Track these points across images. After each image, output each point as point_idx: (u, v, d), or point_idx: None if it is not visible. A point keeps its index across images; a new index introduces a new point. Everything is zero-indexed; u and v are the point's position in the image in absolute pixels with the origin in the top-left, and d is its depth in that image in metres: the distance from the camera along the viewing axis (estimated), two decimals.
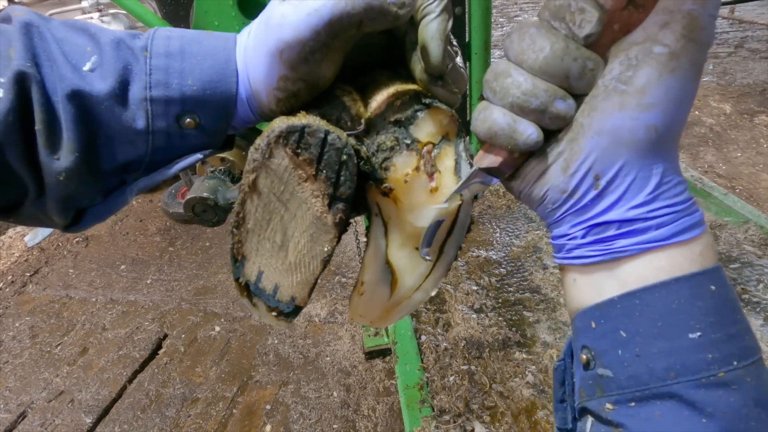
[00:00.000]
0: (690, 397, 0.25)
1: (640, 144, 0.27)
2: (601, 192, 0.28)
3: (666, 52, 0.26)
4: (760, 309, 0.92)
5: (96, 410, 1.65)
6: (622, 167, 0.27)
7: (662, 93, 0.26)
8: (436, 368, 0.99)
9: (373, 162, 0.35)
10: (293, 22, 0.31)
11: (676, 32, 0.26)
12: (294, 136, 0.31)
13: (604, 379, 0.28)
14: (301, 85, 0.34)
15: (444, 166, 0.37)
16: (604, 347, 0.29)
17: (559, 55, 0.27)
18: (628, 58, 0.27)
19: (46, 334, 2.04)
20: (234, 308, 2.04)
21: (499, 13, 6.07)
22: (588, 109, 0.28)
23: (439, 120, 0.36)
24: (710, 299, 0.27)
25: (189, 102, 0.34)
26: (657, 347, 0.26)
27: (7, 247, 2.73)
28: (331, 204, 0.34)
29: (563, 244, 0.31)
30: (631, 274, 0.28)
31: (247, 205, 0.33)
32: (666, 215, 0.27)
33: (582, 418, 0.31)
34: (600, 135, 0.27)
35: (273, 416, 1.55)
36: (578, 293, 0.31)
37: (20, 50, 0.30)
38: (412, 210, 0.37)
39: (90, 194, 0.36)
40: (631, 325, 0.27)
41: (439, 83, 0.35)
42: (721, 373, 0.25)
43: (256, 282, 0.35)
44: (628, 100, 0.27)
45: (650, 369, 0.26)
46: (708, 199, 1.28)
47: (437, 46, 0.32)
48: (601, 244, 0.29)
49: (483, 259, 1.18)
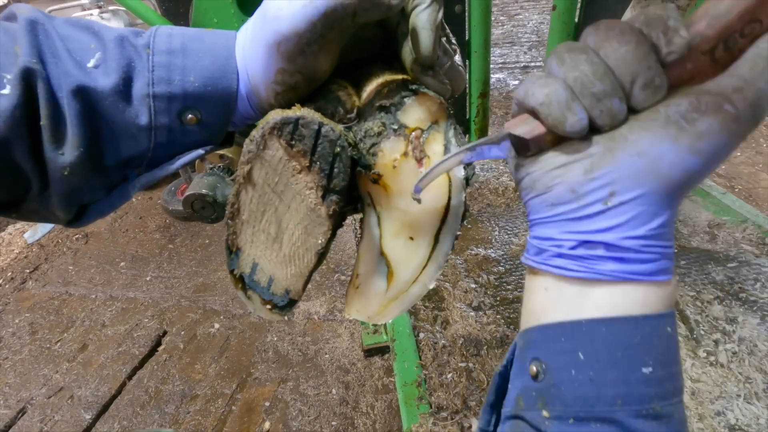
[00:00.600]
0: (629, 425, 0.26)
1: (670, 182, 0.27)
2: (608, 209, 0.28)
3: (733, 113, 0.26)
4: (756, 308, 0.92)
5: (95, 406, 1.65)
6: (641, 196, 0.27)
7: (713, 147, 0.27)
8: (434, 365, 0.99)
9: (360, 148, 0.35)
10: (289, 14, 0.31)
11: (747, 100, 0.26)
12: (288, 127, 0.32)
13: (550, 394, 0.29)
14: (299, 78, 0.34)
15: (433, 152, 0.36)
16: (559, 364, 0.29)
17: (640, 56, 0.27)
18: (698, 102, 0.27)
19: (46, 330, 2.04)
20: (233, 305, 2.04)
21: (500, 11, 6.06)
22: (638, 127, 0.28)
23: (428, 106, 0.36)
24: (665, 339, 0.28)
25: (191, 98, 0.35)
26: (611, 375, 0.27)
27: (7, 244, 2.73)
28: (325, 196, 0.34)
29: (545, 248, 0.30)
30: (606, 299, 0.29)
31: (242, 197, 0.33)
32: (654, 253, 0.28)
33: (508, 422, 0.31)
34: (641, 156, 0.27)
35: (272, 413, 1.56)
36: (545, 303, 0.31)
37: (26, 47, 0.31)
38: (403, 196, 0.37)
39: (93, 189, 0.36)
40: (592, 349, 0.28)
41: (429, 73, 0.35)
42: (658, 407, 0.27)
43: (251, 274, 0.35)
44: (683, 138, 0.27)
45: (600, 394, 0.27)
46: (706, 199, 1.28)
47: (427, 35, 0.33)
48: (587, 261, 0.29)
49: (482, 257, 1.18)
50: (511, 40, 5.10)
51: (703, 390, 0.78)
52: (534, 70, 4.37)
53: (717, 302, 0.93)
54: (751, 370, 0.80)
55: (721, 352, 0.84)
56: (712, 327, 0.89)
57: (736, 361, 0.82)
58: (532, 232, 0.32)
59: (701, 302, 0.94)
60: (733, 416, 0.73)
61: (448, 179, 0.37)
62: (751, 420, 0.72)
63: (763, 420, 0.72)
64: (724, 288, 0.97)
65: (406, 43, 0.35)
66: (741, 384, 0.78)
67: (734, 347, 0.84)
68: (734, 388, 0.78)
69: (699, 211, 1.23)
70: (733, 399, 0.76)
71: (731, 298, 0.94)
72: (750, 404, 0.75)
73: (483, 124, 1.35)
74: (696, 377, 0.80)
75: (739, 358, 0.82)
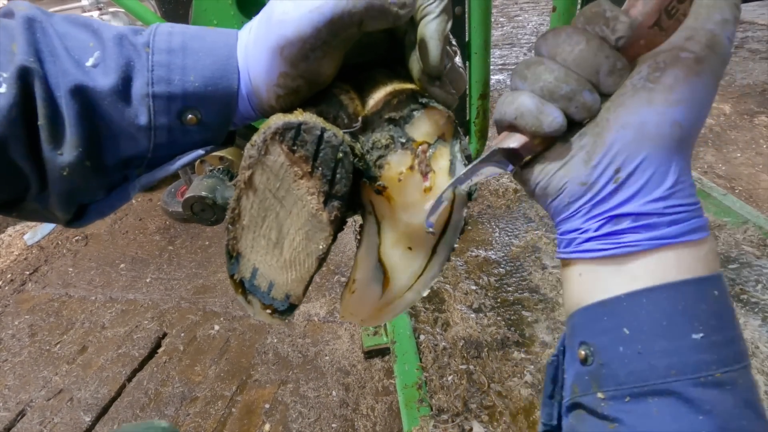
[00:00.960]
0: (688, 395, 0.26)
1: (664, 139, 0.28)
2: (620, 185, 0.29)
3: (692, 57, 0.27)
4: (758, 309, 0.92)
5: (95, 409, 1.65)
6: (643, 161, 0.28)
7: (688, 92, 0.27)
8: (434, 367, 0.99)
9: (367, 159, 0.35)
10: (295, 18, 0.31)
11: (701, 43, 0.28)
12: (290, 132, 0.31)
13: (602, 375, 0.28)
14: (301, 82, 0.34)
15: (438, 167, 0.36)
16: (605, 344, 0.29)
17: (593, 50, 0.28)
18: (656, 62, 0.28)
19: (46, 332, 2.04)
20: (233, 307, 2.04)
21: (500, 13, 6.06)
22: (614, 105, 0.29)
23: (435, 120, 0.36)
24: (713, 303, 0.27)
25: (191, 98, 0.34)
26: (660, 345, 0.27)
27: (7, 246, 2.73)
28: (327, 202, 0.34)
29: (573, 238, 0.31)
30: (641, 270, 0.28)
31: (243, 202, 0.33)
32: (680, 213, 0.28)
33: (570, 414, 0.31)
34: (625, 128, 0.28)
35: (272, 415, 1.55)
36: (582, 288, 0.31)
37: (23, 45, 0.30)
38: (406, 209, 0.37)
39: (93, 189, 0.36)
40: (636, 323, 0.28)
41: (436, 83, 0.35)
42: (718, 374, 0.26)
43: (251, 279, 0.35)
44: (656, 97, 0.28)
45: (651, 366, 0.27)
46: (707, 200, 1.28)
47: (436, 46, 0.32)
48: (614, 237, 0.29)
49: (482, 258, 1.18)
50: (510, 42, 5.11)
51: None
52: None
53: None
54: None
55: None
56: None
57: None
58: (559, 231, 0.33)
59: None
60: None
61: (452, 195, 0.37)
62: None
63: None
64: None
65: (414, 52, 0.34)
66: None
67: None
68: None
69: None
70: None
71: (732, 300, 0.94)
72: None
73: (483, 125, 1.35)
74: None
75: None
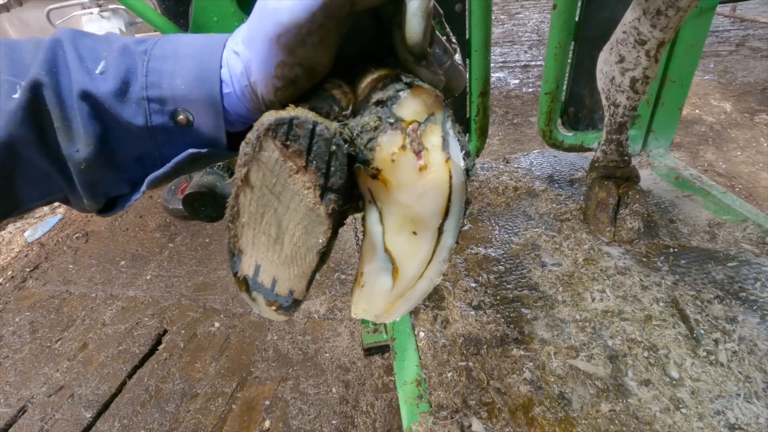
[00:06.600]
0: None
1: None
2: None
3: None
4: (757, 307, 0.92)
5: (96, 405, 1.66)
6: None
7: None
8: (434, 365, 0.99)
9: (357, 143, 0.35)
10: (289, 5, 0.32)
11: None
12: (282, 128, 0.32)
13: None
14: (299, 71, 0.35)
15: (431, 144, 0.36)
16: None
17: None
18: None
19: (46, 329, 2.04)
20: (233, 304, 2.04)
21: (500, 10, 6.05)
22: None
23: (423, 99, 0.36)
24: None
25: (179, 100, 0.37)
26: None
27: (7, 243, 2.73)
28: (323, 195, 0.34)
29: None
30: None
31: (241, 199, 0.33)
32: None
33: None
34: None
35: (272, 412, 1.56)
36: None
37: (40, 62, 0.36)
38: (403, 190, 0.36)
39: (113, 183, 0.41)
40: None
41: (423, 63, 0.36)
42: None
43: (254, 276, 0.35)
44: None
45: None
46: (707, 198, 1.28)
47: (418, 22, 0.33)
48: None
49: (482, 256, 1.18)
50: (511, 39, 5.10)
51: (703, 389, 0.78)
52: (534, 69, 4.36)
53: (717, 301, 0.93)
54: (751, 370, 0.80)
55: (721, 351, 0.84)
56: (712, 326, 0.89)
57: (736, 361, 0.82)
58: None
59: (701, 301, 0.94)
60: (732, 415, 0.73)
61: (448, 170, 0.36)
62: (751, 419, 0.73)
63: (762, 419, 0.72)
64: (724, 287, 0.97)
65: (399, 32, 0.35)
66: (741, 383, 0.78)
67: (734, 346, 0.84)
68: (734, 388, 0.78)
69: (699, 210, 1.23)
70: (733, 398, 0.76)
71: (731, 298, 0.94)
72: (750, 403, 0.75)
73: (483, 123, 1.35)
74: (696, 376, 0.81)
75: (739, 357, 0.82)
